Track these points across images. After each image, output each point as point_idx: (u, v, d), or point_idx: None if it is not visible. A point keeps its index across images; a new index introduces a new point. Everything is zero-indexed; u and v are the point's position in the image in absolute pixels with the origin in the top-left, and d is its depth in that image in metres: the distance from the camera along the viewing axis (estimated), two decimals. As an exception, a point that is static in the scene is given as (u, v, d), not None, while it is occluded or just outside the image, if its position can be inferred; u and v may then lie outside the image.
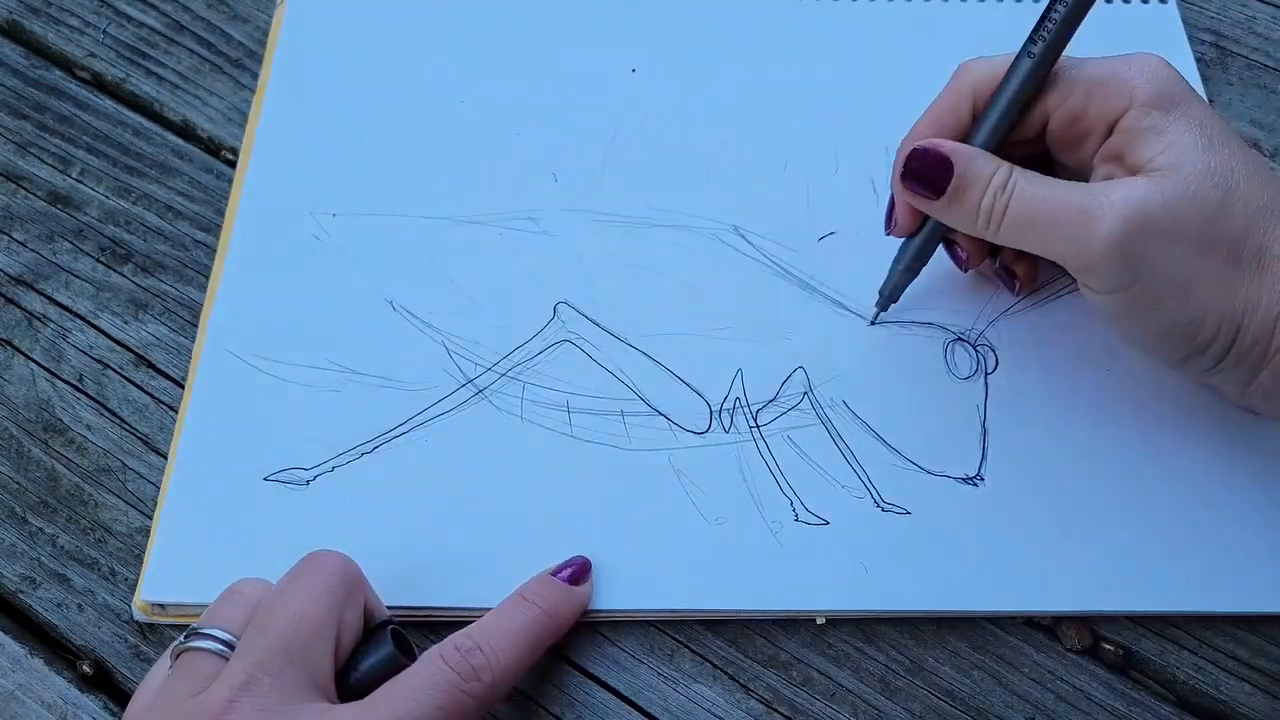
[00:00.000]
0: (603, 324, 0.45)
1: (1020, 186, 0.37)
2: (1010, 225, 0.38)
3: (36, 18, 0.55)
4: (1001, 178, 0.38)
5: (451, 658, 0.34)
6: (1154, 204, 0.35)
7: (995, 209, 0.38)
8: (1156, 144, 0.36)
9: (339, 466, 0.42)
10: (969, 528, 0.41)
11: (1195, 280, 0.36)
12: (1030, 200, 0.37)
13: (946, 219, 0.40)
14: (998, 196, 0.38)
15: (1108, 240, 0.35)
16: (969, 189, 0.38)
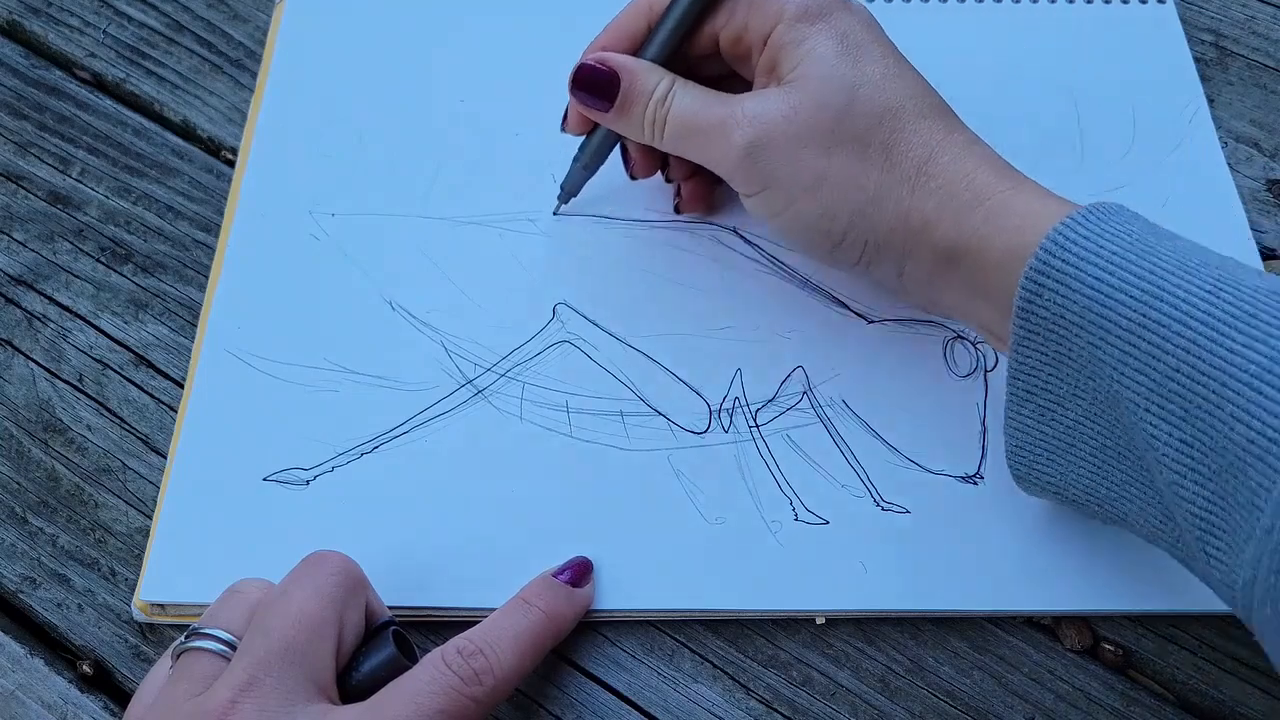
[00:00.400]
0: (602, 324, 0.45)
1: (678, 99, 0.40)
2: (670, 135, 0.41)
3: (36, 18, 0.55)
4: (663, 90, 0.41)
5: (454, 661, 0.34)
6: (776, 113, 0.39)
7: (657, 120, 0.41)
8: (795, 55, 0.39)
9: (339, 466, 0.42)
10: (969, 527, 0.41)
11: (821, 178, 0.38)
12: (684, 112, 0.40)
13: (616, 128, 0.42)
14: (659, 108, 0.41)
15: (738, 148, 0.39)
16: (634, 102, 0.41)
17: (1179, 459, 0.31)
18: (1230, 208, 0.48)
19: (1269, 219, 0.48)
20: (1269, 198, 0.49)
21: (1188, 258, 0.32)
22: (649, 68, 0.41)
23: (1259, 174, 0.50)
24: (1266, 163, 0.50)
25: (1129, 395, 0.32)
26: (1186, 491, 0.32)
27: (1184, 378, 0.31)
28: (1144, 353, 0.31)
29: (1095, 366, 0.33)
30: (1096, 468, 0.35)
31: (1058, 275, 0.33)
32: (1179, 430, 0.31)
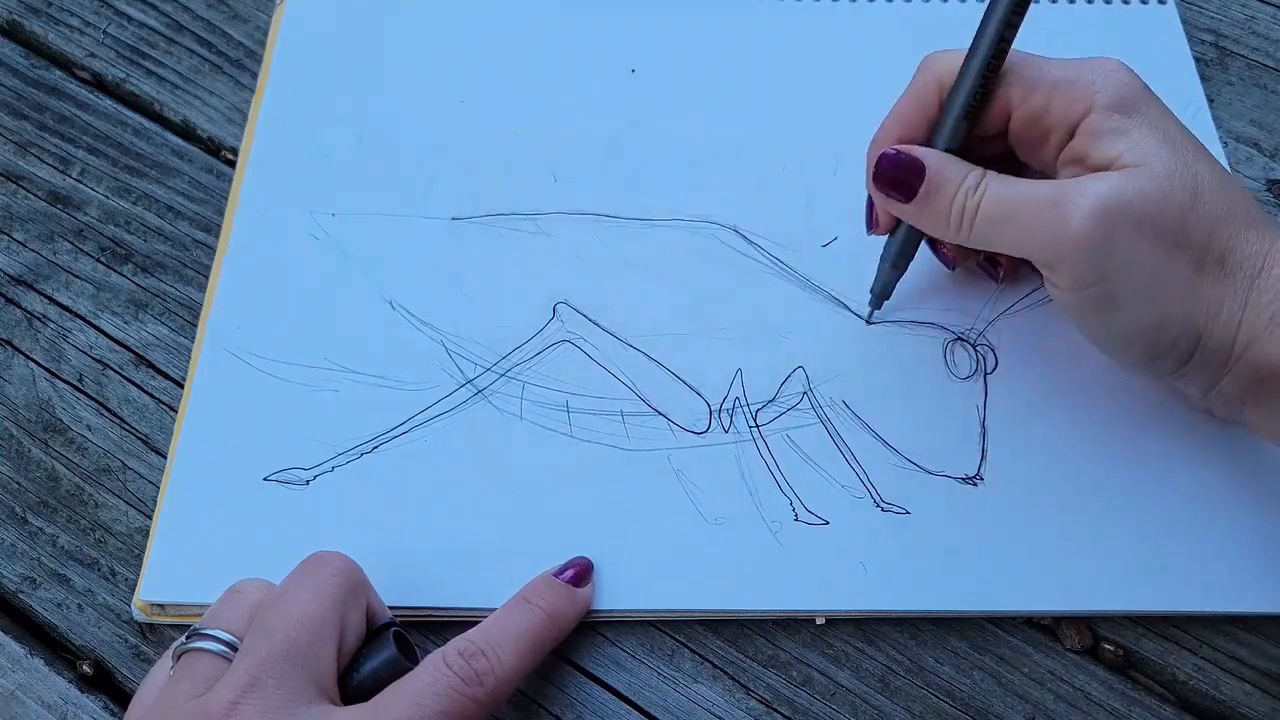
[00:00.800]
0: (602, 324, 0.45)
1: (992, 186, 0.37)
2: (982, 224, 0.38)
3: (36, 18, 0.55)
4: (974, 180, 0.38)
5: (455, 662, 0.34)
6: (1129, 194, 0.35)
7: (967, 210, 0.38)
8: (1121, 143, 0.36)
9: (339, 466, 0.42)
10: (969, 527, 0.41)
11: (1161, 281, 0.36)
12: (1001, 198, 0.37)
13: (918, 223, 0.40)
14: (969, 198, 0.38)
15: (1080, 231, 0.35)
16: (940, 192, 0.38)
17: None
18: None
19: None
20: (1269, 198, 0.49)
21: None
22: (953, 159, 0.38)
23: (1259, 174, 0.50)
24: (1266, 163, 0.50)
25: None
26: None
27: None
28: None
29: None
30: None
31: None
32: None
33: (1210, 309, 0.36)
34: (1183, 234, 0.35)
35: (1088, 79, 0.37)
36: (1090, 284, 0.36)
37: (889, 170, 0.39)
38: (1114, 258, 0.35)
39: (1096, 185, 0.35)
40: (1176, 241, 0.35)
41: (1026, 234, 0.37)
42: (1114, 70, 0.38)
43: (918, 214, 0.39)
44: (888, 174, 0.39)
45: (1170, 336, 0.36)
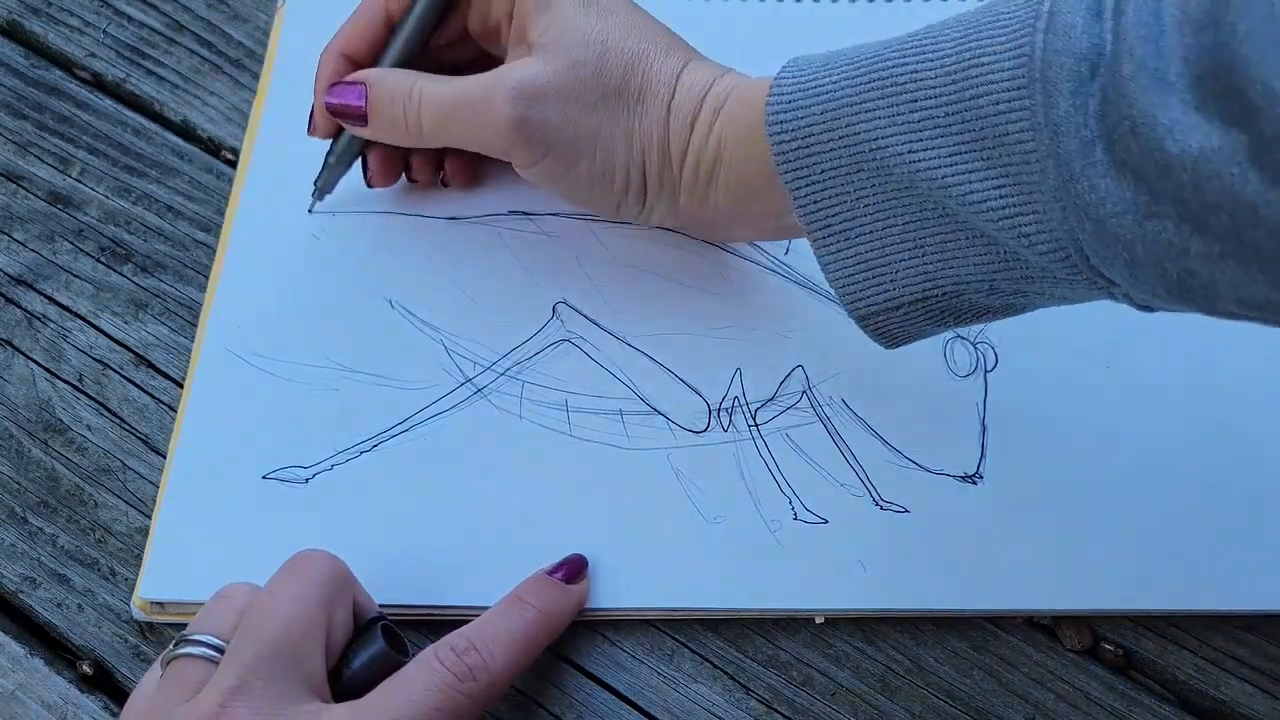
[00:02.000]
0: (602, 323, 0.45)
1: (427, 90, 0.41)
2: (430, 125, 0.41)
3: (36, 18, 0.55)
4: (407, 84, 0.41)
5: (447, 658, 0.34)
6: (540, 78, 0.39)
7: (410, 117, 0.41)
8: (542, 21, 0.40)
9: (338, 465, 0.42)
10: (968, 526, 0.41)
11: (594, 134, 0.40)
12: (438, 98, 0.41)
13: (379, 137, 0.43)
14: (408, 105, 0.41)
15: (509, 119, 0.39)
16: (383, 107, 0.42)
17: (954, 170, 0.32)
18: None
19: (1270, 217, 0.48)
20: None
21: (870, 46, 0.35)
22: (390, 72, 0.42)
23: (1260, 172, 0.50)
24: (1268, 161, 0.50)
25: (893, 156, 0.33)
26: (975, 193, 0.32)
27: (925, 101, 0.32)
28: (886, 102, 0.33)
29: (855, 152, 0.34)
30: (913, 246, 0.35)
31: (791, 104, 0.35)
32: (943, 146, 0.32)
33: (643, 140, 0.40)
34: (598, 88, 0.39)
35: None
36: (539, 158, 0.40)
37: (338, 106, 0.42)
38: (548, 131, 0.40)
39: (513, 73, 0.40)
40: (595, 97, 0.39)
41: (471, 129, 0.41)
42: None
43: (374, 132, 0.43)
44: (338, 109, 0.42)
45: (621, 177, 0.41)
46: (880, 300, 0.36)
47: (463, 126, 0.41)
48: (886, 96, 0.33)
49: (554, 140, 0.40)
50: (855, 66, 0.34)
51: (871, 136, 0.34)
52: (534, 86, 0.39)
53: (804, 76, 0.35)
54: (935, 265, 0.35)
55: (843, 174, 0.35)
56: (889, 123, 0.33)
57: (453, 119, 0.41)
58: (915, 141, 0.33)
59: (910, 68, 0.33)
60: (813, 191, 0.36)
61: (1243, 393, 0.43)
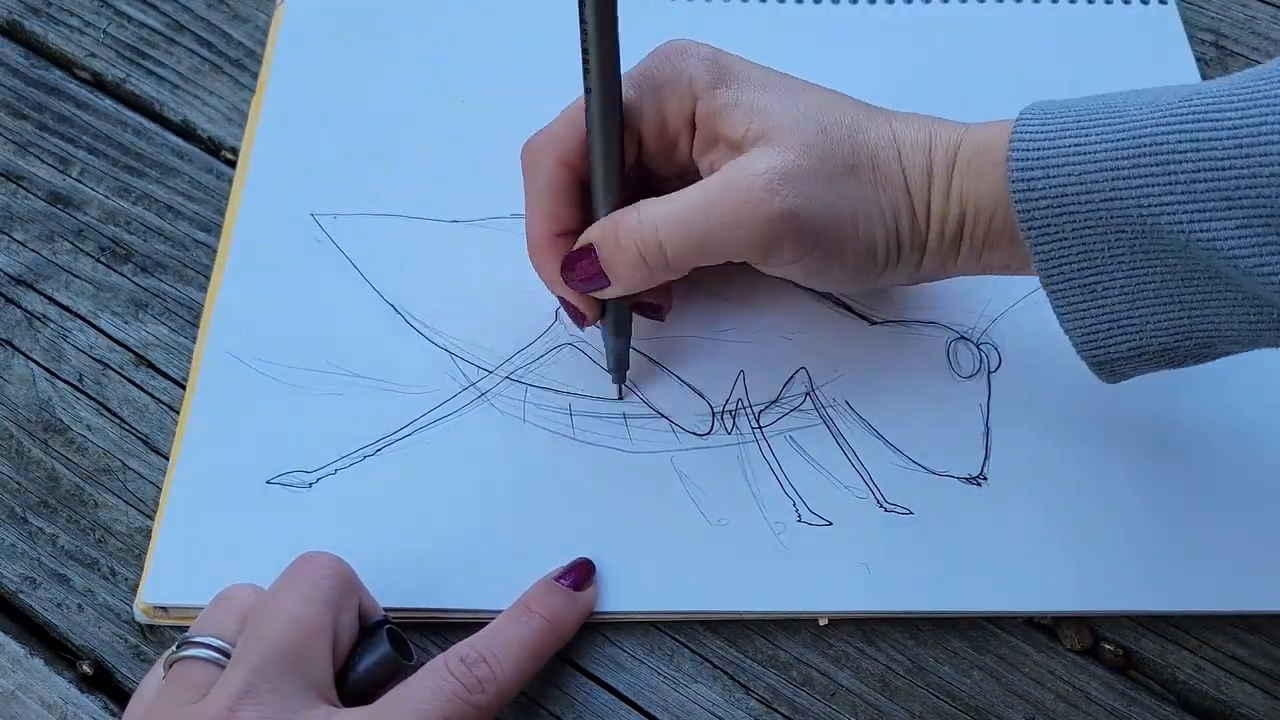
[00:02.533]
0: (604, 325, 0.45)
1: (649, 213, 0.37)
2: (676, 255, 0.37)
3: (36, 18, 0.55)
4: (629, 224, 0.37)
5: (457, 668, 0.34)
6: (787, 163, 0.36)
7: (651, 252, 0.37)
8: (741, 117, 0.37)
9: (342, 469, 0.42)
10: (972, 527, 0.41)
11: (855, 213, 0.37)
12: (672, 217, 0.37)
13: (631, 291, 0.39)
14: (641, 241, 0.37)
15: (780, 212, 0.36)
16: (618, 257, 0.38)
17: (1243, 243, 0.32)
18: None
19: (1269, 220, 0.49)
20: (1269, 199, 0.49)
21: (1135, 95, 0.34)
22: (602, 221, 0.39)
23: (1259, 175, 0.50)
24: (1266, 164, 0.50)
25: (1165, 223, 0.33)
26: (1266, 266, 0.31)
27: (1210, 172, 0.31)
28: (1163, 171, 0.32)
29: (1119, 219, 0.33)
30: (1169, 302, 0.35)
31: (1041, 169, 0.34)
32: (1231, 218, 0.32)
33: (891, 206, 0.38)
34: (838, 167, 0.37)
35: (680, 69, 0.38)
36: (809, 249, 0.37)
37: (577, 279, 0.39)
38: (815, 221, 0.36)
39: (757, 164, 0.36)
40: (836, 175, 0.37)
41: (723, 238, 0.37)
42: (690, 50, 0.39)
43: (621, 288, 0.39)
44: (577, 281, 0.39)
45: (881, 249, 0.38)
46: (1123, 350, 0.37)
47: (713, 238, 0.37)
48: (1162, 164, 0.32)
49: (821, 229, 0.37)
50: (1117, 128, 0.33)
51: (1142, 203, 0.33)
52: (790, 173, 0.36)
53: (1051, 131, 0.34)
54: (1193, 320, 0.35)
55: (1098, 234, 0.34)
56: (1164, 191, 0.32)
57: (695, 234, 0.37)
58: (1198, 213, 0.32)
59: (1191, 135, 0.32)
60: (1060, 249, 0.35)
61: (1244, 393, 0.43)
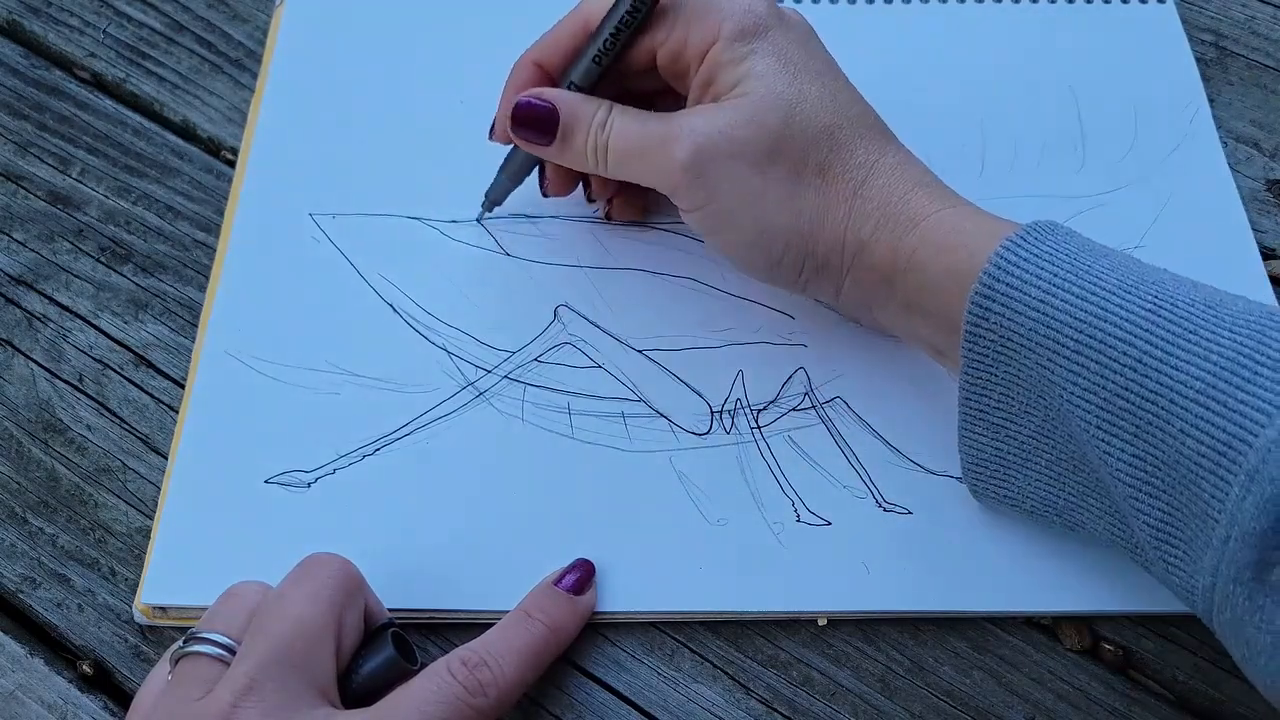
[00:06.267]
0: (603, 326, 0.45)
1: (617, 124, 0.40)
2: (614, 160, 0.40)
3: (36, 18, 0.55)
4: (601, 117, 0.40)
5: (459, 671, 0.34)
6: (714, 129, 0.38)
7: (599, 147, 0.40)
8: (732, 74, 0.39)
9: (340, 469, 0.42)
10: (971, 528, 0.41)
11: (760, 195, 0.39)
12: (625, 134, 0.40)
13: (560, 161, 0.42)
14: (599, 135, 0.40)
15: (679, 164, 0.39)
16: (574, 134, 0.41)
17: (1132, 474, 0.32)
18: (1231, 207, 0.48)
19: (1269, 219, 0.49)
20: (1269, 198, 0.49)
21: (1126, 276, 0.33)
22: (584, 99, 0.41)
23: (1259, 174, 0.50)
24: (1266, 163, 0.50)
25: (1079, 414, 0.33)
26: (1142, 504, 0.33)
27: (1133, 395, 0.32)
28: (1092, 373, 0.33)
29: (1045, 385, 0.34)
30: (1052, 479, 0.36)
31: (1003, 300, 0.34)
32: (1131, 446, 0.32)
33: (812, 216, 0.39)
34: (776, 153, 0.38)
35: (718, 8, 0.40)
36: (700, 205, 0.40)
37: (525, 118, 0.41)
38: (712, 183, 0.39)
39: (694, 119, 0.39)
40: (769, 160, 0.38)
41: (646, 168, 0.40)
42: (744, 3, 0.40)
43: (558, 155, 0.41)
44: (524, 121, 0.41)
45: (778, 247, 0.39)
46: (998, 494, 0.38)
47: (639, 164, 0.40)
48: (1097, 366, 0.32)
49: (716, 192, 0.39)
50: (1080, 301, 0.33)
51: (1065, 382, 0.33)
52: (708, 136, 0.38)
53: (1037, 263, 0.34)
54: (1065, 504, 0.37)
55: (1022, 388, 0.35)
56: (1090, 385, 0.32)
57: (633, 156, 0.40)
58: (1105, 421, 0.32)
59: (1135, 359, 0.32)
60: (985, 378, 0.36)
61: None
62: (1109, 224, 0.47)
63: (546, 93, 0.41)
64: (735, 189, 0.39)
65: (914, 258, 0.37)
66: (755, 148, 0.38)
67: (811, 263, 0.39)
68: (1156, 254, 0.46)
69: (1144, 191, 0.48)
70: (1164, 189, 0.48)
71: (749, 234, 0.39)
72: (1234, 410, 0.30)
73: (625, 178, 0.42)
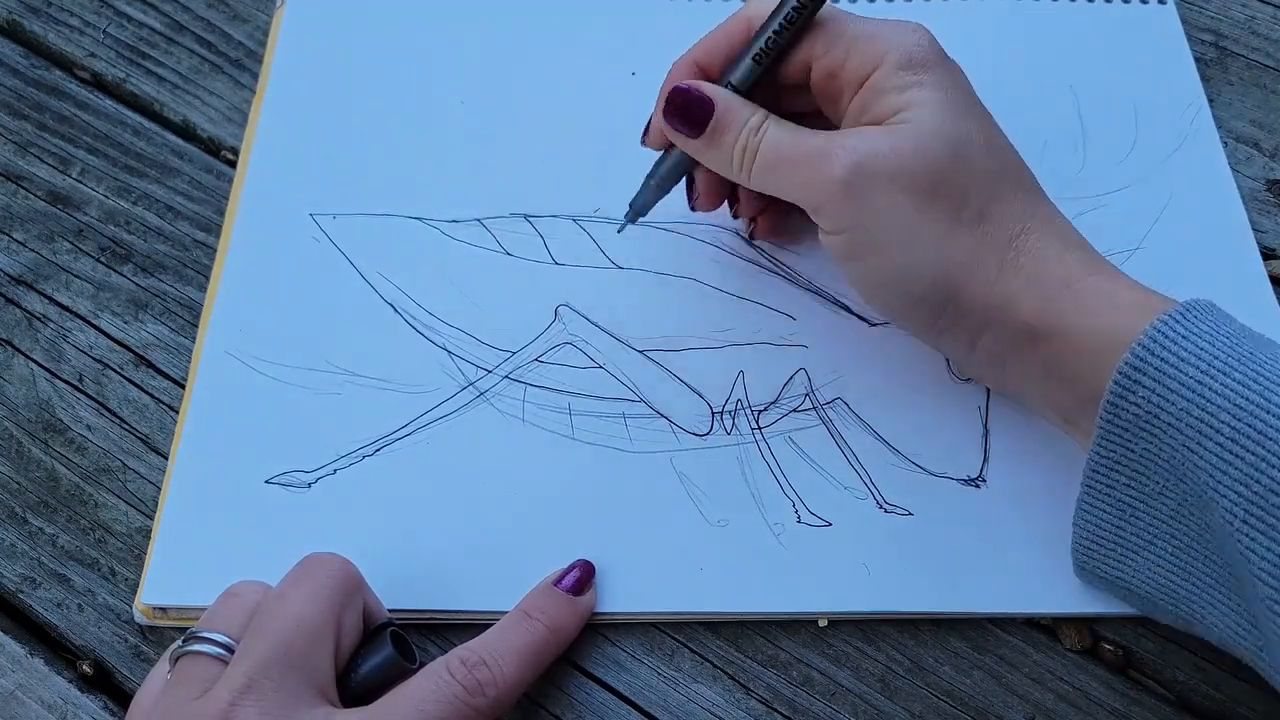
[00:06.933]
0: (604, 326, 0.45)
1: (771, 131, 0.39)
2: (760, 168, 0.39)
3: (36, 18, 0.55)
4: (756, 121, 0.39)
5: (458, 671, 0.34)
6: (882, 150, 0.37)
7: (748, 151, 0.39)
8: (895, 102, 0.38)
9: (341, 469, 0.42)
10: (971, 529, 0.41)
11: (913, 229, 0.37)
12: (778, 144, 0.39)
13: (703, 158, 0.41)
14: (750, 139, 0.39)
15: (836, 179, 0.37)
16: (726, 131, 0.39)
17: (1278, 575, 0.31)
18: (1231, 207, 0.48)
19: (1269, 219, 0.49)
20: (1269, 198, 0.49)
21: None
22: (741, 100, 0.39)
23: (1259, 174, 0.50)
24: (1266, 162, 0.50)
25: (1225, 505, 0.32)
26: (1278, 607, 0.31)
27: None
28: (1247, 464, 0.31)
29: (1187, 470, 0.32)
30: (1177, 567, 0.35)
31: (1155, 374, 0.33)
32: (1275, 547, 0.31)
33: (964, 261, 0.37)
34: (939, 187, 0.37)
35: (884, 37, 0.39)
36: (847, 228, 0.38)
37: (680, 104, 0.40)
38: (867, 206, 0.37)
39: (856, 139, 0.37)
40: (931, 193, 0.37)
41: (795, 180, 0.38)
42: (910, 31, 0.39)
43: (703, 149, 0.40)
44: (678, 107, 0.40)
45: (922, 285, 0.37)
46: (1110, 573, 0.37)
47: (787, 174, 0.38)
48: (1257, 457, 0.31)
49: (868, 216, 0.37)
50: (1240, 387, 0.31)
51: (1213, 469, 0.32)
52: (872, 156, 0.37)
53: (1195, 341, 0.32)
54: (1188, 593, 0.35)
55: (1161, 469, 0.33)
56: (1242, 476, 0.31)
57: (783, 163, 0.38)
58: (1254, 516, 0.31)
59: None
60: (1120, 454, 0.34)
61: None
62: (1109, 224, 0.47)
63: (705, 86, 0.40)
64: (889, 216, 0.37)
65: (1062, 320, 0.35)
66: (918, 177, 0.37)
67: (953, 309, 0.37)
68: (1157, 254, 0.47)
69: (1144, 192, 0.48)
70: (1164, 189, 0.48)
71: (894, 267, 0.38)
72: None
73: (769, 189, 0.40)
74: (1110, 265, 0.37)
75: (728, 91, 0.40)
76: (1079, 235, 0.38)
